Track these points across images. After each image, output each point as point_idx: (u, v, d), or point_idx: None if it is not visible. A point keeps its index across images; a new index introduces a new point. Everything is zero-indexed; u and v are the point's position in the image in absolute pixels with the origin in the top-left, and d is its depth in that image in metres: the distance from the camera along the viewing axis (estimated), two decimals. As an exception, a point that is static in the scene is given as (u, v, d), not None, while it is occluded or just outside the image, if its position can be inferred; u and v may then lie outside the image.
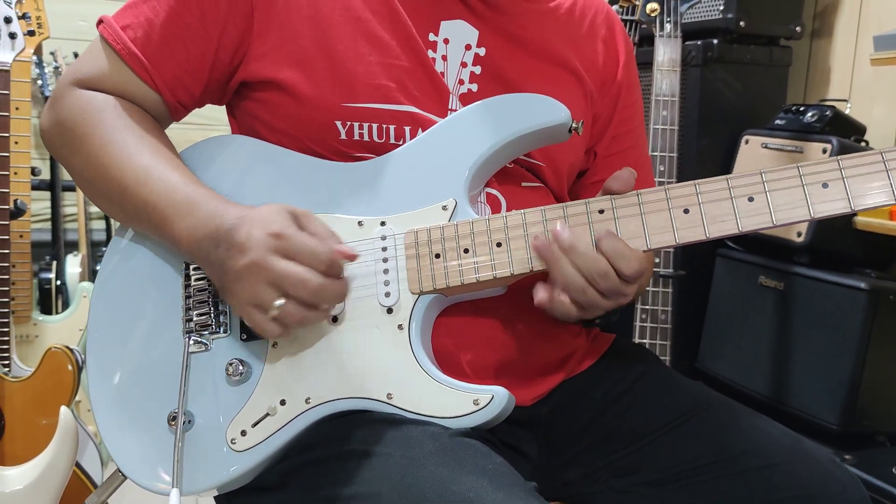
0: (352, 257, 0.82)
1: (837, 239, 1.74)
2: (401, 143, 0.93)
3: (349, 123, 0.92)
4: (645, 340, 1.70)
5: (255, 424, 0.87)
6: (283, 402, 0.86)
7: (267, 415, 0.86)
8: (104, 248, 0.99)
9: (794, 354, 1.76)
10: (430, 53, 0.96)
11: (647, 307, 1.71)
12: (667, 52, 1.71)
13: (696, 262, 2.00)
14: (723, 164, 2.01)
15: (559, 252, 0.83)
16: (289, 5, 0.94)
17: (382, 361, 0.85)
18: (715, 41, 1.98)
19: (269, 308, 0.79)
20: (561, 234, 0.83)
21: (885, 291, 1.62)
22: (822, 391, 1.69)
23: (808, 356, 1.73)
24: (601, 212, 0.85)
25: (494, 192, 0.95)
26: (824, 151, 1.73)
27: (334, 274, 0.81)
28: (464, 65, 0.97)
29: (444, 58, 0.96)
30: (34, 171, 2.22)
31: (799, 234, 1.76)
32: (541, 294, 0.85)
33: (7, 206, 1.75)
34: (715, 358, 2.01)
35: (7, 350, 1.75)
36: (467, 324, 0.92)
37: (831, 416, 1.66)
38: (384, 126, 0.92)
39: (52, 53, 2.74)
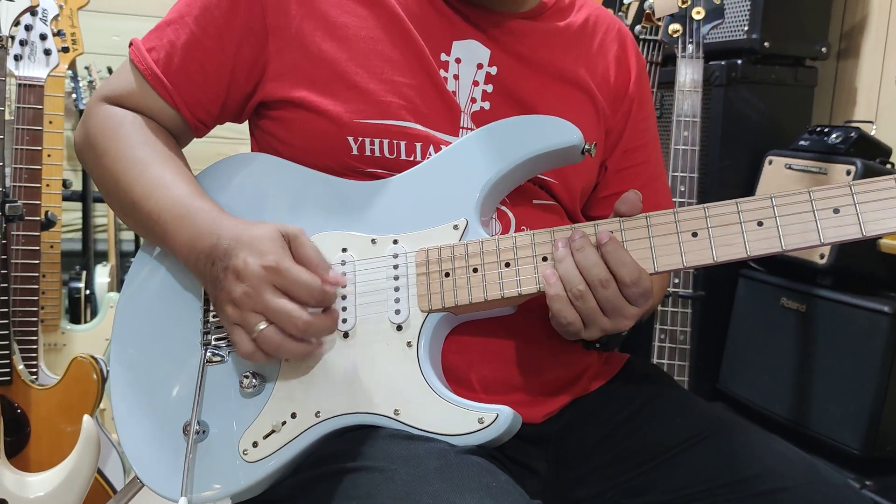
0: (342, 284, 0.87)
1: (861, 261, 1.72)
2: (412, 158, 0.94)
3: (361, 139, 0.94)
4: (663, 361, 1.68)
5: (266, 436, 0.88)
6: (293, 416, 0.87)
7: (278, 427, 0.88)
8: (133, 259, 1.03)
9: (817, 377, 1.74)
10: (442, 73, 0.97)
11: (666, 327, 1.70)
12: (688, 73, 1.71)
13: (720, 283, 1.99)
14: (746, 184, 2.00)
15: (565, 251, 0.84)
16: (302, 28, 0.96)
17: (391, 378, 0.86)
18: (739, 61, 1.98)
19: (252, 331, 0.83)
20: (575, 235, 0.85)
21: (908, 315, 1.60)
22: (845, 415, 1.67)
23: (830, 379, 1.71)
24: (610, 233, 0.85)
25: (505, 209, 0.96)
26: (848, 173, 1.72)
27: (325, 304, 0.85)
28: (476, 83, 0.98)
29: (456, 77, 0.98)
30: (65, 184, 2.27)
31: (822, 256, 1.74)
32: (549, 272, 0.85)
33: (38, 218, 1.80)
34: (736, 379, 1.99)
35: (35, 358, 1.79)
36: (478, 341, 0.93)
37: (854, 440, 1.64)
38: (395, 142, 0.94)
39: (86, 68, 2.80)
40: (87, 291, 2.66)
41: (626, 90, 1.08)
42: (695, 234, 0.83)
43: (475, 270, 0.87)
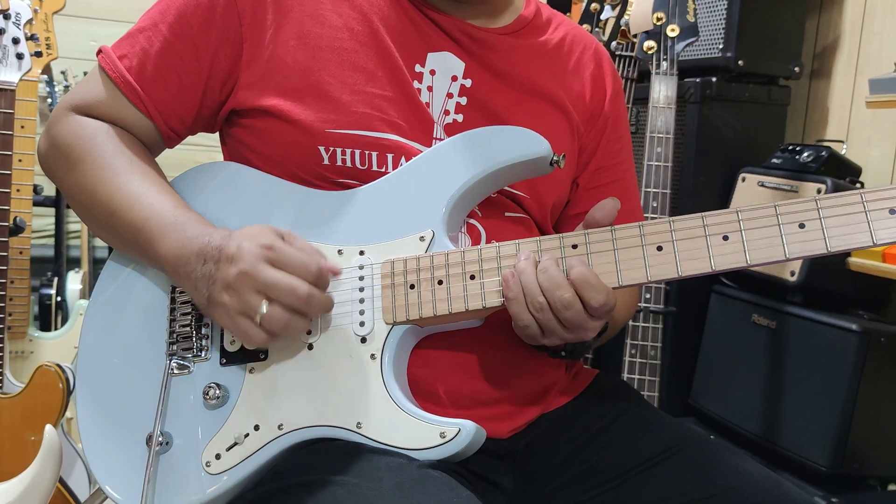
0: (336, 272, 0.87)
1: (831, 279, 1.74)
2: (383, 170, 0.94)
3: (332, 149, 0.93)
4: (634, 376, 1.69)
5: (229, 448, 0.87)
6: (256, 428, 0.87)
7: (241, 439, 0.87)
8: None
9: (786, 394, 1.75)
10: (416, 84, 0.97)
11: (637, 343, 1.70)
12: (662, 90, 1.72)
13: (692, 299, 2.00)
14: (719, 200, 2.02)
15: (527, 263, 0.84)
16: (277, 37, 0.95)
17: (354, 391, 0.85)
18: (713, 79, 2.00)
19: (256, 314, 0.81)
20: (543, 259, 0.84)
21: (876, 334, 1.62)
22: (813, 432, 1.68)
23: (799, 396, 1.73)
24: (574, 246, 0.85)
25: (475, 223, 0.96)
26: (819, 192, 1.74)
27: (321, 286, 0.84)
28: (450, 95, 0.98)
29: (430, 88, 0.98)
30: (36, 189, 2.24)
31: (792, 274, 1.75)
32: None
33: (6, 224, 1.77)
34: (708, 395, 2.00)
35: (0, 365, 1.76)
36: (445, 354, 0.92)
37: (821, 457, 1.65)
38: (366, 153, 0.93)
39: (62, 73, 2.78)
40: (59, 298, 2.63)
41: (601, 109, 1.08)
42: (660, 248, 0.83)
43: (440, 283, 0.87)
